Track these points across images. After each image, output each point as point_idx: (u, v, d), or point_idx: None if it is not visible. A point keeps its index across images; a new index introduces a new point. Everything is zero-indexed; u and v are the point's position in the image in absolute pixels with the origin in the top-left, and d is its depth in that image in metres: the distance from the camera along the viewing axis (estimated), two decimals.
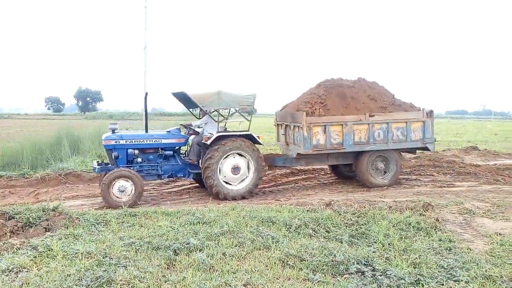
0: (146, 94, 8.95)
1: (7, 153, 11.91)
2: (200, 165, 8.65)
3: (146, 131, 8.83)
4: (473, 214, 6.51)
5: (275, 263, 4.44)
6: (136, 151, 8.48)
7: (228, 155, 8.49)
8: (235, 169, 8.53)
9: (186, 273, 4.14)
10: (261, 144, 9.04)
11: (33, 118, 55.14)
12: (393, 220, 5.91)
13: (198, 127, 9.32)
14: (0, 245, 4.87)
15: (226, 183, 8.52)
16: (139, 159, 8.52)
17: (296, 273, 4.24)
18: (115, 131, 8.50)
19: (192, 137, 9.19)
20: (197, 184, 9.93)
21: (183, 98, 9.31)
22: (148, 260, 4.48)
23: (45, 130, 21.65)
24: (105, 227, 5.76)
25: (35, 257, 4.50)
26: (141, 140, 8.57)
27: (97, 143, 14.17)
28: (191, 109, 10.21)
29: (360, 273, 4.19)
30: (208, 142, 8.39)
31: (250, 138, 8.70)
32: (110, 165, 8.38)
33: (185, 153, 9.45)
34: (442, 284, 4.00)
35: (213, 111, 8.97)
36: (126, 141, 8.41)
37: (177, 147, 9.02)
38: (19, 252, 4.64)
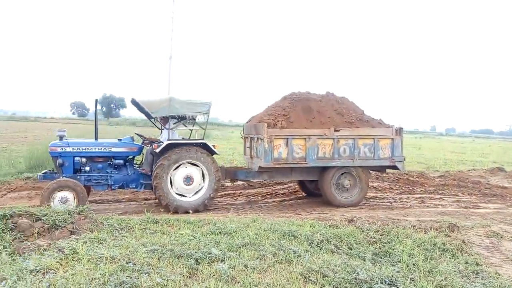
0: (96, 100, 8.48)
1: (34, 155, 12.26)
2: None
3: (96, 139, 8.38)
4: (501, 237, 6.31)
5: (297, 278, 4.40)
6: (84, 160, 8.04)
7: (180, 165, 8.06)
8: (187, 180, 8.08)
9: (208, 283, 4.14)
10: (216, 153, 8.60)
11: (59, 121, 56.47)
12: (418, 240, 5.79)
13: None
14: (28, 246, 5.01)
15: (179, 194, 8.10)
16: (87, 168, 8.06)
17: None
18: (63, 138, 8.11)
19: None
20: None
21: (141, 106, 8.65)
22: (170, 268, 4.51)
23: (70, 133, 22.15)
24: (128, 233, 5.84)
25: (61, 259, 4.60)
26: (89, 148, 8.10)
27: None
28: (152, 119, 9.49)
29: None
30: (157, 151, 8.05)
31: (205, 148, 8.30)
32: (55, 174, 8.02)
33: (140, 164, 8.97)
34: None
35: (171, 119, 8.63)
36: (73, 149, 7.96)
37: (130, 157, 8.55)
38: (45, 254, 4.75)
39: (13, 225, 5.52)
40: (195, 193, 8.22)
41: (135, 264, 4.46)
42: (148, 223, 6.33)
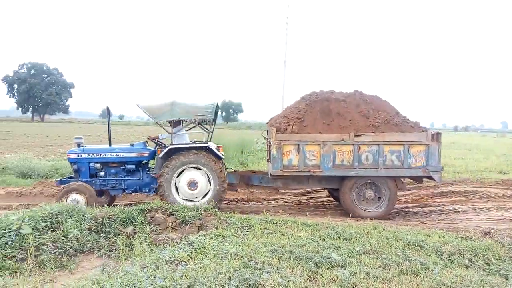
0: (108, 108, 8.60)
1: None
2: None
3: (110, 145, 8.62)
4: None
5: None
6: (98, 165, 8.31)
7: (184, 170, 7.89)
8: (192, 185, 7.87)
9: None
10: (221, 157, 8.12)
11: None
12: None
13: (161, 140, 8.68)
14: (163, 238, 5.55)
15: (187, 200, 7.91)
16: (102, 173, 8.34)
17: None
18: (80, 145, 8.51)
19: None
20: (331, 198, 9.83)
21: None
22: (290, 269, 4.55)
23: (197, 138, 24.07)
24: (249, 231, 6.07)
25: (191, 252, 4.99)
26: (103, 154, 8.34)
27: (239, 151, 15.25)
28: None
29: None
30: (160, 156, 8.04)
31: (209, 151, 7.97)
32: (73, 179, 8.34)
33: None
34: None
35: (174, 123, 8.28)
36: (88, 155, 8.29)
37: (144, 161, 8.60)
38: (178, 246, 5.22)
39: (151, 219, 6.18)
40: (203, 197, 7.99)
41: (256, 263, 4.61)
42: (267, 223, 6.51)
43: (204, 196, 8.00)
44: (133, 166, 8.41)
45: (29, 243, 4.92)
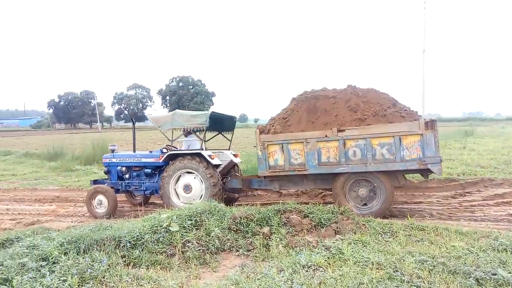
0: (132, 119, 9.87)
1: None
2: None
3: (134, 151, 9.74)
4: None
5: None
6: (124, 169, 9.43)
7: (181, 174, 8.52)
8: (186, 188, 8.48)
9: None
10: (212, 163, 8.38)
11: None
12: None
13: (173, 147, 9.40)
14: (299, 241, 5.41)
15: (184, 202, 8.33)
16: (127, 176, 9.43)
17: None
18: (114, 151, 9.65)
19: None
20: (488, 202, 8.46)
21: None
22: (444, 285, 3.93)
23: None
24: (392, 238, 5.55)
25: (328, 257, 4.73)
26: (127, 159, 9.42)
27: None
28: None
29: None
30: (161, 161, 8.86)
31: (202, 157, 8.40)
32: (106, 180, 9.69)
33: None
34: None
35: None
36: (116, 160, 9.47)
37: (164, 167, 8.97)
38: (314, 251, 5.00)
39: (286, 220, 6.12)
40: (198, 200, 8.31)
41: (403, 274, 4.11)
42: (413, 230, 5.86)
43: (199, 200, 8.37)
44: (149, 170, 9.33)
45: (177, 240, 5.29)
